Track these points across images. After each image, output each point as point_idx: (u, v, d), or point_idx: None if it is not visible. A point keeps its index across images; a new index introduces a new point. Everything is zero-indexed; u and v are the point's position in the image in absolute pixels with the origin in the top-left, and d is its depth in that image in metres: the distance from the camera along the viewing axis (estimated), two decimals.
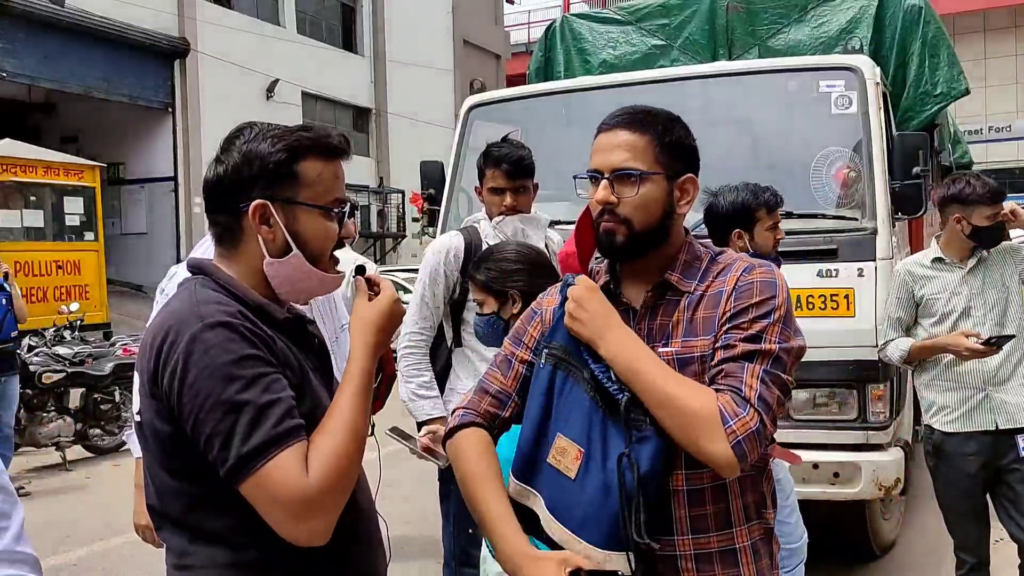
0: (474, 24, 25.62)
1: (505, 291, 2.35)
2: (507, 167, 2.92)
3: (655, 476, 1.44)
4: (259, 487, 1.29)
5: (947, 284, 3.27)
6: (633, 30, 5.64)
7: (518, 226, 2.95)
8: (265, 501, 1.29)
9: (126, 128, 16.61)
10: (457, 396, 3.01)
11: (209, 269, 1.46)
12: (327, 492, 1.30)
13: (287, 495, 1.28)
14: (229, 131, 1.50)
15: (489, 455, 1.57)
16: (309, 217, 1.44)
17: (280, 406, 1.31)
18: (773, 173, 4.24)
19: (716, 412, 1.39)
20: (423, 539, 3.04)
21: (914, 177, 3.83)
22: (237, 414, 1.28)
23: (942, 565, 4.35)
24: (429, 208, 4.76)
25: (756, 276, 1.52)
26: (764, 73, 4.39)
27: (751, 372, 1.43)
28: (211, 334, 1.31)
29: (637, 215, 1.53)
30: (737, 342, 1.46)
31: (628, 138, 1.55)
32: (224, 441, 1.28)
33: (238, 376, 1.30)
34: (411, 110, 21.71)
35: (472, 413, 1.63)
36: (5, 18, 13.45)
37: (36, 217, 12.34)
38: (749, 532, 1.53)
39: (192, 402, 1.29)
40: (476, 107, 4.73)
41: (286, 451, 1.29)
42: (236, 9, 18.18)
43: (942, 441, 3.29)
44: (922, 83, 4.94)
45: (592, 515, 1.45)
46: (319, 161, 1.45)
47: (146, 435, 1.41)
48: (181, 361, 1.30)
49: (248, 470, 1.28)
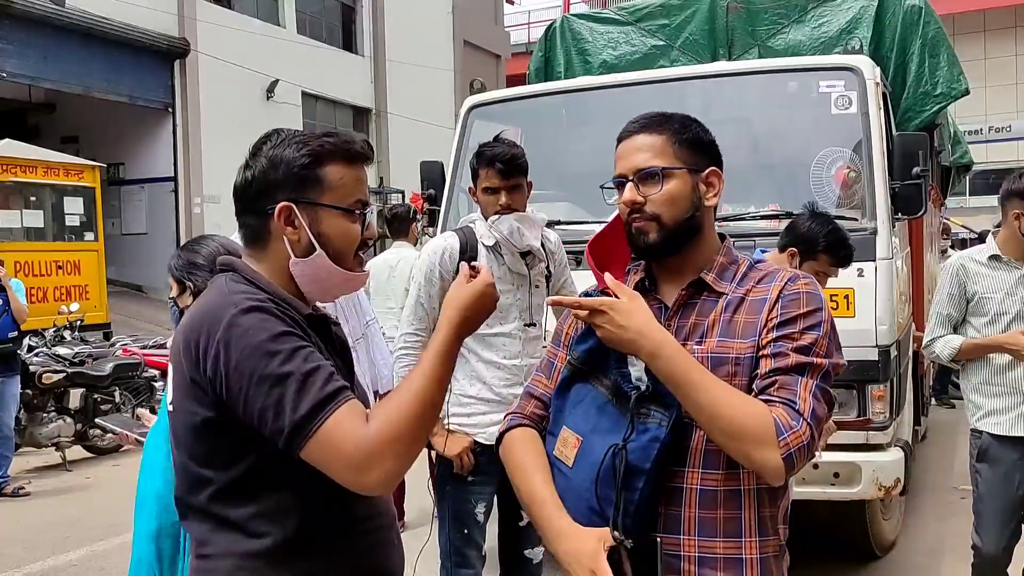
0: (474, 24, 25.61)
1: (183, 281, 2.35)
2: (500, 166, 2.91)
3: (645, 469, 1.44)
4: (319, 447, 1.33)
5: (1002, 283, 3.17)
6: (633, 30, 5.64)
7: (514, 224, 2.93)
8: (328, 459, 1.34)
9: (126, 128, 16.59)
10: (454, 396, 3.01)
11: (238, 266, 1.53)
12: (387, 442, 1.33)
13: (347, 448, 1.32)
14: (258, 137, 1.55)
15: (532, 448, 1.63)
16: (332, 218, 1.50)
17: (322, 371, 1.37)
18: (773, 173, 4.24)
19: (771, 424, 1.41)
20: (419, 540, 3.04)
21: (914, 177, 3.83)
22: (283, 385, 1.33)
23: (942, 565, 4.36)
24: (429, 208, 4.75)
25: (802, 287, 1.54)
26: (764, 73, 4.39)
27: (805, 386, 1.46)
28: (246, 317, 1.38)
29: (665, 210, 1.56)
30: (789, 351, 1.47)
31: (646, 140, 1.59)
32: (276, 413, 1.33)
33: (277, 351, 1.35)
34: (411, 110, 21.69)
35: (519, 416, 1.70)
36: (5, 18, 13.44)
37: (36, 217, 12.33)
38: (761, 546, 1.52)
39: (239, 383, 1.35)
40: (476, 107, 4.73)
41: (338, 410, 1.34)
42: (236, 9, 18.17)
43: (989, 445, 3.21)
44: (922, 83, 4.94)
45: (579, 501, 1.50)
46: (342, 165, 1.51)
47: (177, 427, 1.47)
48: (222, 346, 1.36)
49: (305, 434, 1.33)
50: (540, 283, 3.08)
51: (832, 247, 3.04)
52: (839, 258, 3.07)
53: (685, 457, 1.49)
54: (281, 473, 1.42)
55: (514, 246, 2.95)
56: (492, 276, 1.53)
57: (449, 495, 3.00)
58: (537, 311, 3.07)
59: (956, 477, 5.86)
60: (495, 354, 2.97)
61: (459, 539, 2.96)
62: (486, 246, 2.97)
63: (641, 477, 1.44)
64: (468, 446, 2.93)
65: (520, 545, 3.09)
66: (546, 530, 1.52)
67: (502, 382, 2.98)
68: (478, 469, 2.95)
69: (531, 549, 3.09)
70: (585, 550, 1.44)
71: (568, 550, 1.46)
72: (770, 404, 1.43)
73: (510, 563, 3.14)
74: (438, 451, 2.97)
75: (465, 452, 2.93)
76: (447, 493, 3.01)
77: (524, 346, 3.01)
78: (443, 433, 2.96)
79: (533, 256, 3.03)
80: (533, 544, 3.07)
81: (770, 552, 1.53)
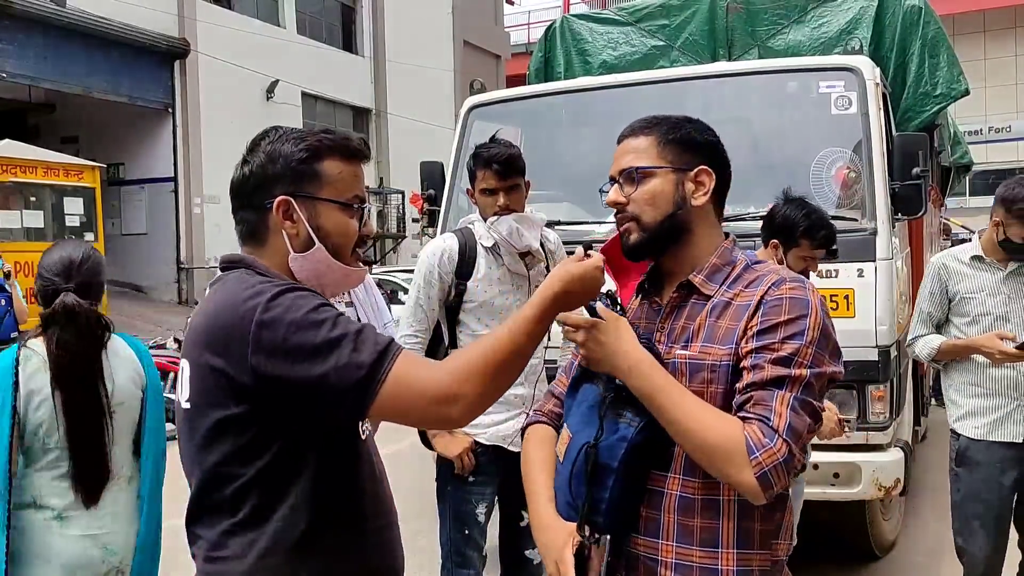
0: (474, 24, 25.62)
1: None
2: (497, 167, 2.90)
3: (614, 467, 1.46)
4: (395, 389, 1.34)
5: (984, 284, 3.11)
6: (633, 31, 5.64)
7: (513, 225, 2.92)
8: (406, 399, 1.35)
9: (126, 128, 16.61)
10: None
11: (248, 261, 1.52)
12: (464, 374, 1.36)
13: (424, 384, 1.35)
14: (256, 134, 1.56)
15: (543, 444, 1.68)
16: (330, 212, 1.50)
17: (368, 329, 1.38)
18: (773, 173, 4.24)
19: (742, 442, 1.38)
20: (420, 539, 3.04)
21: (914, 178, 3.82)
22: (340, 347, 1.34)
23: (942, 565, 4.35)
24: (429, 209, 4.75)
25: (785, 291, 1.48)
26: (764, 74, 4.39)
27: (781, 400, 1.40)
28: (282, 298, 1.37)
29: (645, 210, 1.56)
30: (766, 364, 1.43)
31: (634, 143, 1.61)
32: (339, 373, 1.33)
33: (322, 320, 1.36)
34: (411, 110, 21.70)
35: (538, 414, 1.77)
36: (5, 18, 13.45)
37: (36, 218, 12.33)
38: (740, 559, 1.48)
39: (293, 358, 1.34)
40: (476, 107, 4.73)
41: (402, 354, 1.37)
42: (236, 9, 18.18)
43: (967, 448, 3.16)
44: (922, 83, 4.93)
45: (562, 496, 1.55)
46: (340, 161, 1.52)
47: (194, 424, 1.44)
48: (265, 329, 1.34)
49: (377, 380, 1.33)
50: (540, 283, 3.07)
51: (810, 231, 3.00)
52: (819, 240, 3.01)
53: (670, 462, 1.50)
54: (296, 470, 1.42)
55: (513, 247, 2.95)
56: (602, 261, 1.49)
57: (450, 495, 3.00)
58: None
59: None
60: None
61: (460, 539, 2.96)
62: (485, 247, 2.97)
63: (611, 475, 1.46)
64: (469, 446, 2.93)
65: (521, 545, 3.09)
66: (532, 519, 1.59)
67: None
68: (479, 469, 2.95)
69: (532, 549, 3.08)
70: (556, 543, 1.49)
71: (542, 541, 1.53)
72: (746, 421, 1.41)
73: (510, 563, 3.14)
74: (439, 451, 2.97)
75: (466, 452, 2.92)
76: (448, 493, 3.01)
77: None
78: (443, 433, 2.96)
79: (533, 256, 3.03)
80: (534, 544, 3.07)
81: (754, 566, 1.49)
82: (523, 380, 2.96)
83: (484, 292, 2.94)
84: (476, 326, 2.96)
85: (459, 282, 2.95)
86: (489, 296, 2.95)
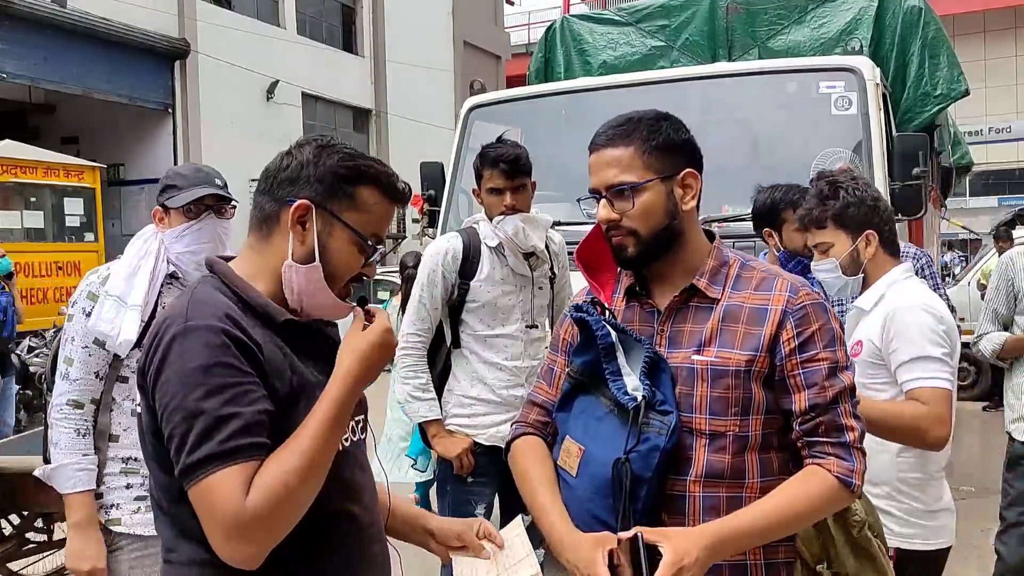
0: (474, 25, 25.62)
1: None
2: (505, 167, 2.90)
3: (647, 478, 1.46)
4: (197, 499, 1.29)
5: None
6: (633, 31, 5.65)
7: (519, 225, 2.93)
8: (202, 513, 1.29)
9: (126, 129, 16.59)
10: (455, 397, 3.01)
11: (218, 269, 1.46)
12: (262, 519, 1.26)
13: (220, 513, 1.26)
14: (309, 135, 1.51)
15: (536, 455, 1.66)
16: (343, 238, 1.44)
17: (237, 420, 1.28)
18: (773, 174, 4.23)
19: (837, 486, 1.47)
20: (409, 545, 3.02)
21: (914, 178, 3.83)
22: (193, 421, 1.28)
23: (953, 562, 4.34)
24: (429, 209, 4.76)
25: (805, 299, 1.53)
26: (764, 74, 4.39)
27: (845, 414, 1.50)
28: (190, 336, 1.31)
29: (641, 224, 1.54)
30: (822, 381, 1.49)
31: (614, 154, 1.56)
32: (178, 445, 1.29)
33: (203, 383, 1.29)
34: (411, 111, 21.70)
35: (523, 425, 1.74)
36: (5, 18, 13.44)
37: (36, 218, 12.32)
38: (767, 552, 1.52)
39: (161, 400, 1.32)
40: (476, 108, 4.74)
41: (228, 469, 1.27)
42: (236, 10, 18.17)
43: (1021, 453, 3.06)
44: (922, 84, 4.94)
45: (581, 509, 1.52)
46: (378, 193, 1.46)
47: (142, 427, 1.41)
48: (160, 360, 1.32)
49: (191, 479, 1.28)
50: (544, 285, 3.08)
51: (790, 202, 2.91)
52: (799, 217, 2.84)
53: (687, 466, 1.49)
54: None
55: (518, 247, 2.95)
56: (389, 320, 1.45)
57: (449, 496, 3.00)
58: (540, 313, 3.07)
59: (957, 477, 5.84)
60: (497, 355, 2.97)
61: None
62: (489, 247, 2.97)
63: (644, 487, 1.46)
64: (468, 447, 2.93)
65: None
66: (549, 537, 1.56)
67: (503, 383, 2.98)
68: (478, 470, 2.95)
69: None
70: (586, 558, 1.44)
71: (570, 559, 1.49)
72: (824, 458, 1.47)
73: None
74: (439, 452, 2.97)
75: (465, 453, 2.93)
76: (447, 493, 3.01)
77: (526, 347, 3.01)
78: (443, 434, 2.96)
79: (536, 257, 3.03)
80: (534, 545, 3.07)
81: (780, 558, 1.54)
82: (523, 381, 2.96)
83: (487, 292, 2.95)
84: (478, 326, 2.96)
85: (462, 282, 2.95)
86: (492, 296, 2.95)
